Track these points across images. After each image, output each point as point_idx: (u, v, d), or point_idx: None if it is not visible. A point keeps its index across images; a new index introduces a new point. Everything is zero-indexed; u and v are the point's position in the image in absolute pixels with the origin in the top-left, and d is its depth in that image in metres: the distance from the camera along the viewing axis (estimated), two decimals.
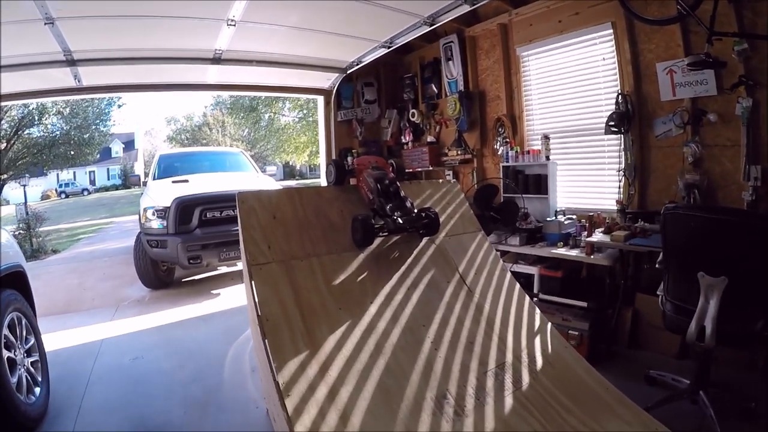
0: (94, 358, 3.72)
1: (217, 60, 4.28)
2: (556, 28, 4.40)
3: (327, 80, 5.64)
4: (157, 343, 3.98)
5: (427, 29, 3.87)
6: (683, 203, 3.51)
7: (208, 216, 5.22)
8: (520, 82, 4.85)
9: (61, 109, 16.08)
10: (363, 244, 2.42)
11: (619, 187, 4.07)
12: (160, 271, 5.61)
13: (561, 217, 4.15)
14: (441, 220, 2.65)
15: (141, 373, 3.45)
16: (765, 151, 3.31)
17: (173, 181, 5.80)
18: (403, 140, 6.34)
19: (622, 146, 4.00)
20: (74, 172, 31.45)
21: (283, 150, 22.00)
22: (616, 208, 4.02)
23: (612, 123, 3.89)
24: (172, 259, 5.20)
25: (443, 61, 5.57)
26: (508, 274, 2.86)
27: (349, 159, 2.84)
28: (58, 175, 29.50)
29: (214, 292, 5.48)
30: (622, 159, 4.03)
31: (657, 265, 2.82)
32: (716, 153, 3.55)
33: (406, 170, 3.48)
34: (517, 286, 2.79)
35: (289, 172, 32.99)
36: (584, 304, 3.54)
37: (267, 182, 6.39)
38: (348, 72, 5.37)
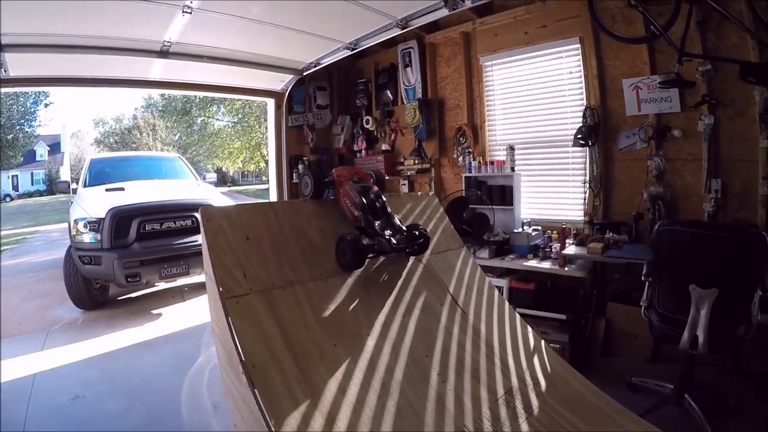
0: (27, 399, 3.06)
1: (164, 53, 3.72)
2: (522, 40, 4.30)
3: (280, 82, 5.17)
4: (98, 378, 3.33)
5: (398, 32, 3.57)
6: (651, 216, 3.61)
7: (147, 228, 4.56)
8: (483, 91, 4.70)
9: None
10: (352, 268, 2.07)
11: (584, 199, 4.01)
12: (94, 289, 4.85)
13: (527, 229, 4.02)
14: None
15: (84, 416, 2.83)
16: (724, 165, 3.43)
17: (107, 189, 5.07)
18: (356, 148, 5.98)
19: (588, 158, 3.95)
20: None
21: (216, 155, 20.87)
22: (582, 219, 3.99)
23: (580, 136, 3.85)
24: (107, 277, 4.50)
25: (401, 68, 5.31)
26: (496, 292, 2.64)
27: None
28: None
29: (154, 312, 4.80)
30: (587, 171, 3.98)
31: (643, 278, 2.79)
32: (678, 167, 3.64)
33: None
34: (507, 303, 2.60)
35: (221, 178, 31.36)
36: (563, 316, 3.46)
37: (209, 191, 5.76)
38: (304, 74, 4.94)
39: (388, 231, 2.10)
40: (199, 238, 4.74)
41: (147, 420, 2.76)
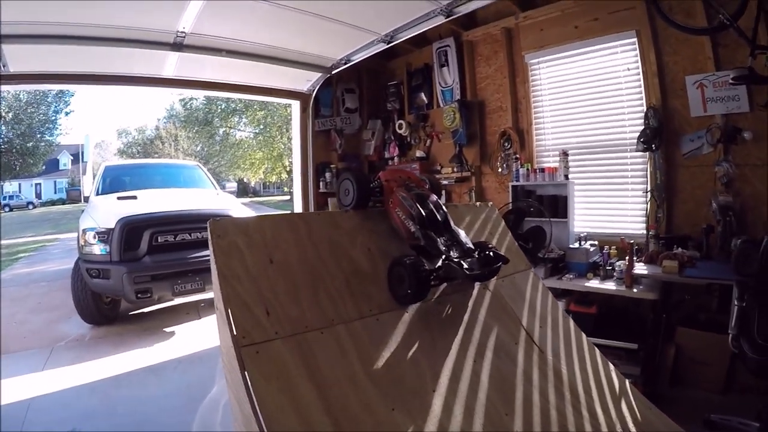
0: (20, 428, 2.60)
1: (178, 46, 3.24)
2: (572, 34, 3.77)
3: (307, 81, 4.67)
4: (97, 409, 2.83)
5: (441, 20, 3.04)
6: (721, 229, 3.06)
7: (159, 240, 4.08)
8: (529, 91, 4.16)
9: (3, 113, 13.82)
10: (412, 301, 1.56)
11: (646, 210, 3.44)
12: (103, 304, 4.37)
13: (585, 244, 3.45)
14: None
15: None
16: None
17: (119, 198, 4.60)
18: (388, 155, 5.43)
19: (651, 165, 3.39)
20: (19, 184, 27.97)
21: (238, 166, 20.51)
22: (642, 232, 3.45)
23: (643, 139, 3.30)
24: (116, 292, 4.01)
25: (436, 68, 4.79)
26: (572, 323, 2.13)
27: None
28: (1, 186, 25.99)
29: (167, 330, 4.29)
30: (649, 178, 3.43)
31: (735, 303, 2.32)
32: (747, 173, 3.15)
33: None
34: (584, 336, 2.09)
35: (242, 189, 31.29)
36: (635, 345, 2.91)
37: (228, 201, 5.27)
38: (333, 72, 4.43)
39: (455, 251, 1.57)
40: None
41: None
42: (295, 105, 5.13)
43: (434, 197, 1.76)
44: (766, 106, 2.93)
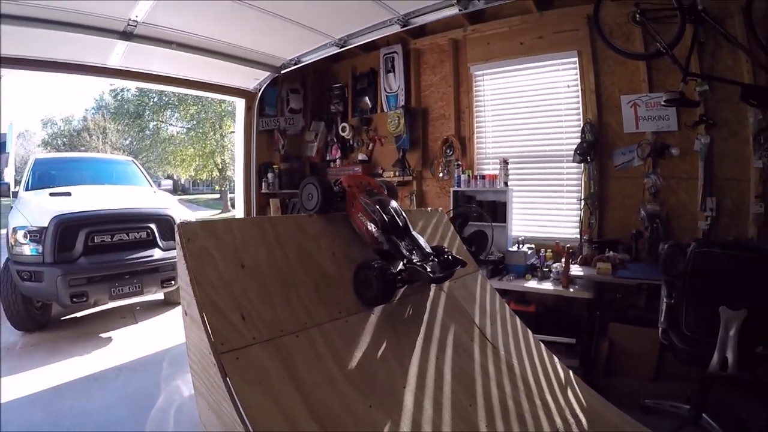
0: None
1: (128, 35, 3.08)
2: (517, 50, 4.00)
3: (254, 80, 4.58)
4: (41, 423, 2.61)
5: (397, 29, 3.15)
6: (649, 234, 3.44)
7: (96, 240, 3.79)
8: (472, 101, 4.35)
9: None
10: (379, 302, 1.62)
11: (580, 216, 3.75)
12: (34, 309, 3.99)
13: (523, 247, 3.69)
14: None
15: None
16: (718, 184, 3.34)
17: (51, 194, 4.22)
18: (330, 157, 5.42)
19: (584, 175, 3.71)
20: None
21: (168, 162, 19.44)
22: (574, 236, 3.75)
23: (580, 152, 3.59)
24: (49, 296, 3.69)
25: (382, 73, 4.86)
26: (518, 320, 2.30)
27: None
28: None
29: (103, 335, 3.99)
30: (583, 187, 3.75)
31: (665, 300, 2.59)
32: (673, 185, 3.51)
33: None
34: (530, 332, 2.27)
35: (158, 183, 29.46)
36: (573, 340, 3.17)
37: (166, 199, 5.00)
38: (282, 72, 4.39)
39: (415, 255, 1.66)
40: (156, 253, 4.11)
41: None
42: (240, 103, 5.02)
43: (394, 203, 1.83)
44: (693, 126, 3.30)
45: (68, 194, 4.17)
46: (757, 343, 2.27)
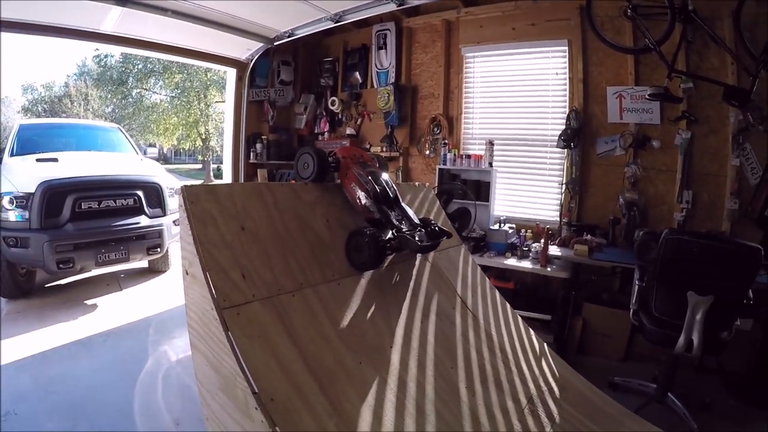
0: None
1: (124, 0, 3.01)
2: (509, 35, 4.07)
3: (247, 50, 4.56)
4: (29, 388, 2.63)
5: (393, 8, 3.18)
6: (626, 221, 3.60)
7: (83, 207, 3.78)
8: (462, 82, 4.41)
9: None
10: (370, 267, 1.71)
11: (561, 200, 3.89)
12: (19, 275, 3.98)
13: (504, 226, 3.83)
14: None
15: None
16: (695, 178, 3.49)
17: (38, 160, 4.15)
18: (318, 130, 5.46)
19: (567, 161, 3.83)
20: None
21: (151, 131, 19.07)
22: (554, 218, 3.89)
23: (564, 137, 3.71)
24: (35, 262, 3.69)
25: (374, 49, 4.88)
26: (497, 293, 2.41)
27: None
28: None
29: (88, 302, 4.01)
30: (565, 172, 3.87)
31: (637, 283, 2.77)
32: (652, 176, 3.65)
33: None
34: (508, 305, 2.38)
35: (143, 151, 28.82)
36: (548, 317, 3.35)
37: (154, 167, 4.98)
38: (275, 44, 4.38)
39: (404, 225, 1.75)
40: (142, 220, 4.12)
41: None
42: (231, 73, 4.99)
43: (385, 175, 1.90)
44: (676, 121, 3.43)
45: (55, 160, 4.13)
46: (722, 329, 2.42)
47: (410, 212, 1.84)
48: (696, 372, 3.17)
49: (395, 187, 1.88)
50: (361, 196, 1.81)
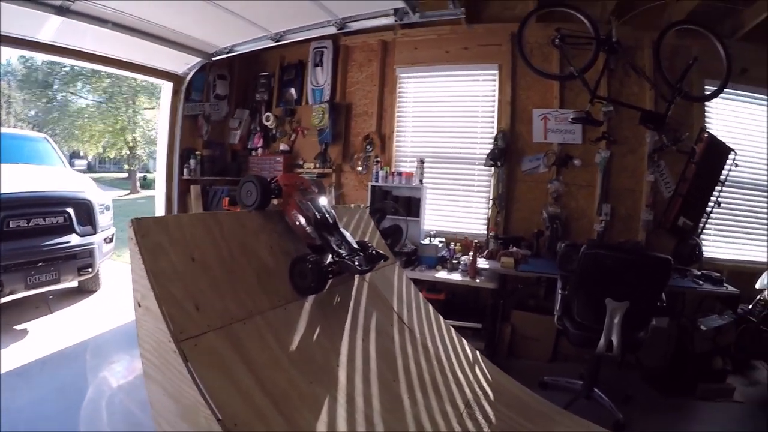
0: None
1: (64, 10, 2.96)
2: (442, 58, 4.34)
3: (185, 64, 4.52)
4: None
5: (332, 31, 3.32)
6: (549, 233, 3.94)
7: (11, 226, 3.54)
8: (395, 101, 4.62)
9: None
10: (312, 292, 1.82)
11: (488, 214, 4.19)
12: None
13: (434, 240, 4.05)
14: None
15: None
16: (614, 193, 3.89)
17: None
18: (252, 145, 5.46)
19: (494, 178, 4.13)
20: None
21: (75, 138, 17.83)
22: (482, 232, 4.17)
23: (491, 157, 4.00)
24: None
25: (311, 66, 4.98)
26: (431, 307, 2.62)
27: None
28: None
29: (17, 327, 3.76)
30: (492, 189, 4.17)
31: (560, 291, 3.02)
32: (573, 191, 4.01)
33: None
34: (441, 318, 2.59)
35: (71, 162, 26.75)
36: (479, 325, 3.58)
37: (83, 181, 4.73)
38: (213, 60, 4.39)
39: (344, 250, 1.89)
40: (73, 239, 3.96)
41: None
42: (167, 86, 4.90)
43: (324, 200, 2.02)
44: (596, 141, 3.78)
45: None
46: (638, 330, 2.71)
47: (348, 237, 1.97)
48: (618, 368, 3.52)
49: (334, 213, 2.00)
50: (303, 223, 1.93)
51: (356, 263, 1.84)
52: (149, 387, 1.47)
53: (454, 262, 3.80)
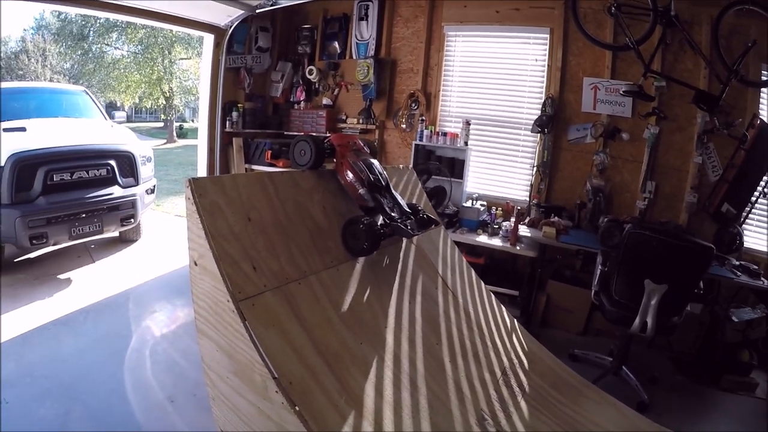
0: None
1: None
2: (492, 18, 4.13)
3: (227, 16, 4.41)
4: (16, 374, 2.52)
5: None
6: (592, 206, 3.83)
7: (55, 179, 3.66)
8: (442, 60, 4.46)
9: None
10: (368, 253, 1.82)
11: (531, 181, 4.10)
12: None
13: (476, 204, 4.00)
14: None
15: (15, 429, 2.13)
16: (659, 170, 3.74)
17: (5, 129, 3.89)
18: (294, 99, 5.40)
19: (540, 145, 4.02)
20: None
21: (112, 88, 18.05)
22: (527, 200, 4.08)
23: (539, 123, 3.87)
24: (7, 239, 3.55)
25: (355, 20, 4.81)
26: (473, 272, 2.62)
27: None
28: None
29: (61, 277, 3.93)
30: (537, 155, 4.06)
31: (599, 267, 2.98)
32: (619, 165, 3.87)
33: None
34: (483, 283, 2.60)
35: (110, 114, 27.31)
36: (515, 292, 3.59)
37: (125, 134, 4.79)
38: (258, 11, 4.29)
39: (395, 212, 1.88)
40: (116, 191, 4.06)
41: (95, 426, 2.17)
42: (209, 39, 4.82)
43: (377, 163, 2.00)
44: (646, 116, 3.62)
45: (23, 129, 3.92)
46: (674, 314, 2.69)
47: (401, 200, 1.97)
48: (648, 348, 3.52)
49: (386, 175, 1.98)
50: (356, 185, 1.92)
51: (408, 227, 1.83)
52: (202, 342, 1.51)
53: (495, 227, 3.76)
